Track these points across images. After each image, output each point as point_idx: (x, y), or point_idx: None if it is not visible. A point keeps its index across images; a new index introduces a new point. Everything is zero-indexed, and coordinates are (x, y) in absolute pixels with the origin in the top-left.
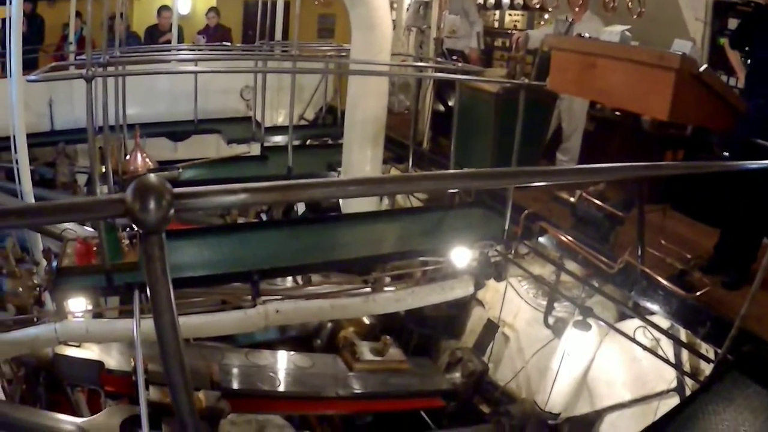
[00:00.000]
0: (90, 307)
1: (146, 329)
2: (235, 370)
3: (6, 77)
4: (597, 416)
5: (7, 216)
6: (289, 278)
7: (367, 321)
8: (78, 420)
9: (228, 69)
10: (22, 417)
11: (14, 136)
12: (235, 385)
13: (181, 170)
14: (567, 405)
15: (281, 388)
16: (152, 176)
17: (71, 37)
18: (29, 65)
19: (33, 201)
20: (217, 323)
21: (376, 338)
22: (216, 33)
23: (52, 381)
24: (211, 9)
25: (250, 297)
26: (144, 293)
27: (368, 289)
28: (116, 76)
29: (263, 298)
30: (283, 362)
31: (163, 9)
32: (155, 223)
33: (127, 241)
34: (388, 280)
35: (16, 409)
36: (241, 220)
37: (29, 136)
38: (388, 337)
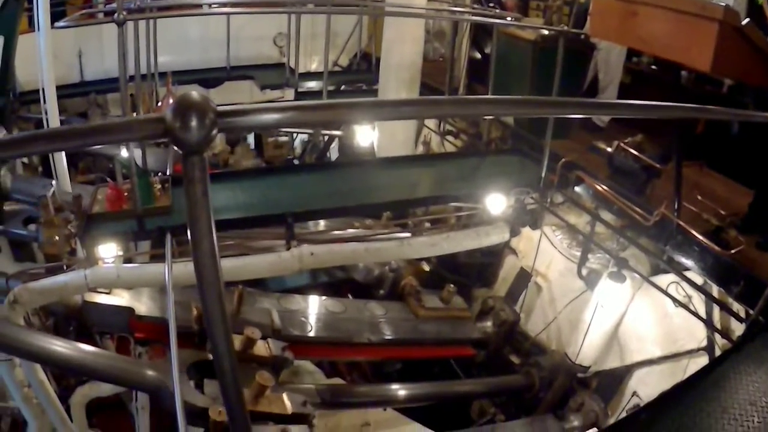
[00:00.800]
0: (120, 253)
1: (178, 274)
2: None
3: (34, 31)
4: (626, 371)
5: (36, 141)
6: (322, 222)
7: (426, 268)
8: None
9: (262, 10)
10: (96, 360)
11: (43, 88)
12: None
13: None
14: (597, 358)
15: (312, 334)
16: (194, 93)
17: None
18: (57, 19)
19: (63, 155)
20: (251, 266)
21: (436, 286)
22: None
23: (81, 329)
24: None
25: (284, 240)
26: (176, 237)
27: (406, 234)
28: (147, 19)
29: (298, 241)
30: (314, 307)
31: None
32: (197, 142)
33: (159, 186)
34: (422, 225)
35: (90, 352)
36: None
37: (59, 87)
38: (451, 285)
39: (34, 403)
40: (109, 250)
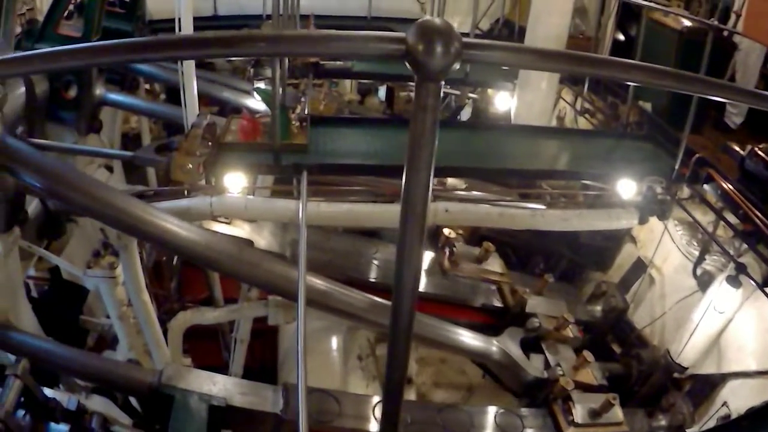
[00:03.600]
0: (248, 185)
1: (309, 213)
2: (377, 264)
3: None
4: (721, 379)
5: (254, 42)
6: (449, 180)
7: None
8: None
9: None
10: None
11: (179, 18)
12: (377, 277)
13: (353, 63)
14: (695, 361)
15: (422, 289)
16: (438, 19)
17: None
18: None
19: (195, 84)
20: (383, 214)
21: (478, 244)
22: None
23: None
24: None
25: None
26: (312, 175)
27: (538, 205)
28: None
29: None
30: (427, 262)
31: None
32: (438, 69)
33: (296, 123)
34: (550, 197)
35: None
36: None
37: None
38: (491, 244)
39: (130, 322)
40: (236, 181)
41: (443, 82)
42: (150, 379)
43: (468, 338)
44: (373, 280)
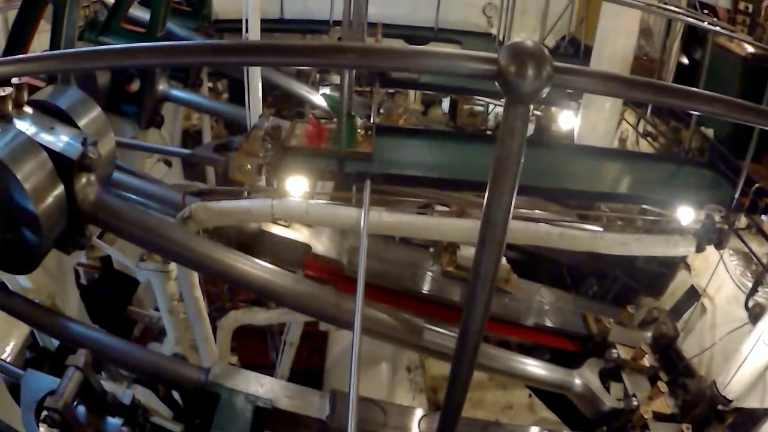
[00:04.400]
0: (308, 189)
1: (371, 222)
2: (436, 277)
3: None
4: (764, 414)
5: (342, 52)
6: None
7: None
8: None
9: None
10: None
11: (247, 19)
12: (429, 290)
13: (418, 76)
14: (741, 394)
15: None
16: (530, 42)
17: None
18: None
19: (260, 85)
20: (444, 227)
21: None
22: None
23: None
24: None
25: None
26: (375, 184)
27: (596, 227)
28: None
29: None
30: None
31: None
32: (529, 92)
33: (362, 131)
34: (607, 219)
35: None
36: None
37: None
38: None
39: (180, 317)
40: (298, 185)
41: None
42: (198, 376)
43: (548, 371)
44: (426, 292)
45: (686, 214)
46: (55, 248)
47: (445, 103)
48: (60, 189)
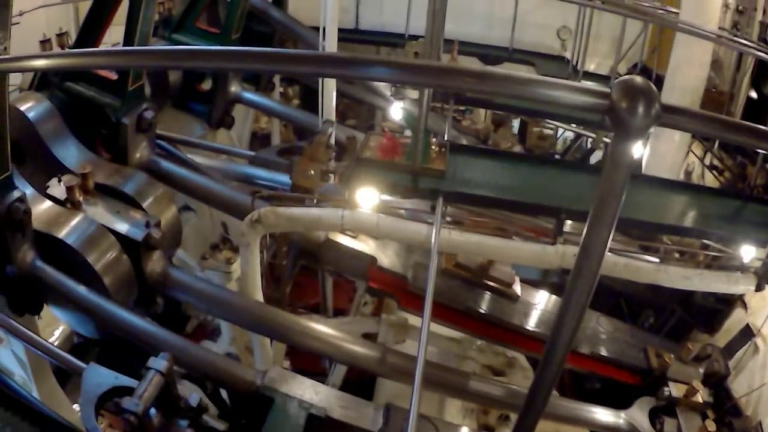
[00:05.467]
0: (378, 201)
1: (440, 239)
2: (490, 295)
3: None
4: None
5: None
6: (568, 222)
7: None
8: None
9: None
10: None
11: (324, 27)
12: (488, 311)
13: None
14: None
15: (530, 327)
16: (640, 78)
17: None
18: None
19: (334, 94)
20: (512, 250)
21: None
22: None
23: (309, 262)
24: None
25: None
26: (447, 202)
27: (653, 258)
28: None
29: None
30: (543, 302)
31: None
32: (638, 129)
33: (436, 148)
34: (670, 252)
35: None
36: None
37: None
38: None
39: None
40: (369, 197)
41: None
42: (253, 378)
43: (595, 413)
44: (483, 312)
45: (748, 252)
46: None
47: (515, 123)
48: (128, 267)
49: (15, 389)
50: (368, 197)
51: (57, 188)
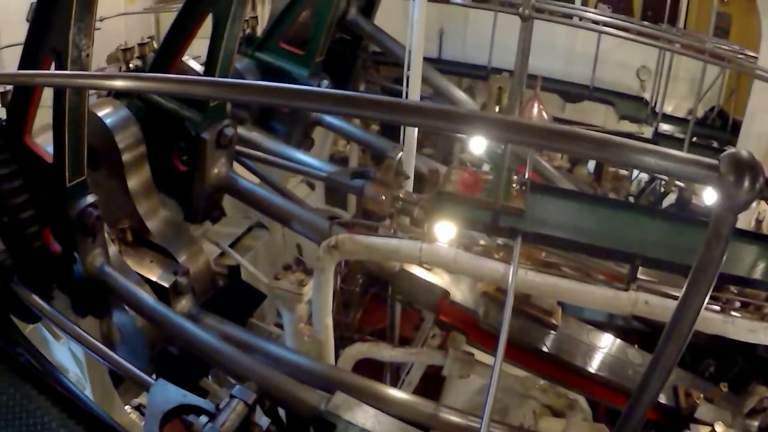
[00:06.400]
0: (455, 236)
1: (518, 279)
2: (556, 336)
3: None
4: None
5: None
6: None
7: None
8: None
9: (635, 38)
10: None
11: (409, 52)
12: (553, 350)
13: None
14: None
15: (593, 370)
16: (746, 152)
17: None
18: None
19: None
20: (585, 294)
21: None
22: (618, 2)
23: (380, 290)
24: None
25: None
26: (525, 242)
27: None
28: (548, 21)
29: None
30: (607, 345)
31: None
32: (742, 203)
33: (516, 186)
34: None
35: None
36: None
37: None
38: None
39: (304, 339)
40: (447, 230)
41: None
42: (317, 402)
43: None
44: (550, 352)
45: None
46: None
47: (591, 162)
48: None
49: (69, 387)
50: (447, 231)
51: None
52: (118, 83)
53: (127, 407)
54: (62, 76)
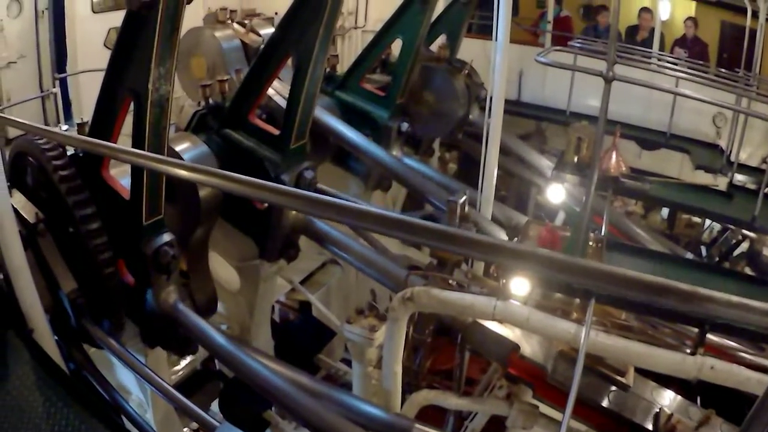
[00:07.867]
0: (529, 293)
1: (591, 341)
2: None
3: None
4: None
5: None
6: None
7: None
8: None
9: (711, 85)
10: None
11: (491, 97)
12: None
13: (650, 185)
14: None
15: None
16: None
17: (549, 16)
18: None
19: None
20: (653, 357)
21: None
22: (694, 47)
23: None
24: (689, 18)
25: (690, 343)
26: (598, 303)
27: None
28: (629, 82)
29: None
30: (668, 402)
31: (644, 10)
32: None
33: (593, 244)
34: None
35: None
36: None
37: None
38: None
39: (371, 382)
40: (521, 286)
41: None
42: None
43: None
44: (612, 409)
45: None
46: None
47: (665, 209)
48: None
49: (130, 413)
50: (521, 288)
51: None
52: (182, 172)
53: (186, 430)
54: (129, 153)
